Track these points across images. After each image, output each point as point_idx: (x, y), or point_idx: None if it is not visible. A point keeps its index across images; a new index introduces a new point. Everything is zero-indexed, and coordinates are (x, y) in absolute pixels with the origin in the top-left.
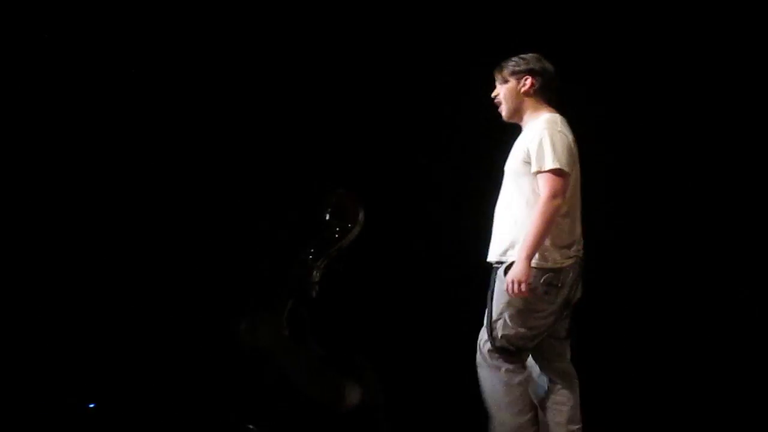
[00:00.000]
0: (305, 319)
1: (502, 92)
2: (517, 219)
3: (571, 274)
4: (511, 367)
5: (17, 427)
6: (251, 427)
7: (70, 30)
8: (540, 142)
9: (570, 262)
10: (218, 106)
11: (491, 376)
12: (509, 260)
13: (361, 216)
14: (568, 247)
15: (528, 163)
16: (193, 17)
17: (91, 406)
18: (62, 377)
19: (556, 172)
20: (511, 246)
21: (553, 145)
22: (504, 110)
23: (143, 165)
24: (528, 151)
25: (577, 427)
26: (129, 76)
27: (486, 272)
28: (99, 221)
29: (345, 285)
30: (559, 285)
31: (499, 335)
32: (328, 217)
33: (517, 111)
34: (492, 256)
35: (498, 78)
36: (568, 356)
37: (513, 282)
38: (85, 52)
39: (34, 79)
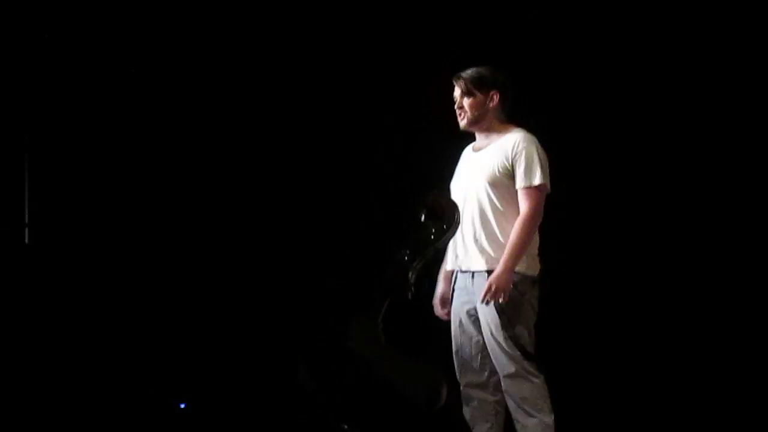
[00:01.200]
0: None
1: (466, 103)
2: (497, 229)
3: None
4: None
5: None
6: (345, 426)
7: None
8: (528, 158)
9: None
10: (311, 103)
11: (537, 385)
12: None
13: (457, 217)
14: (539, 255)
15: (508, 175)
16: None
17: (183, 405)
18: (155, 376)
19: (542, 188)
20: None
21: (540, 162)
22: (466, 120)
23: (231, 165)
24: (512, 164)
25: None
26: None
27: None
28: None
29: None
30: (539, 288)
31: (530, 346)
32: (423, 218)
33: (481, 122)
34: (478, 265)
35: (460, 87)
36: None
37: (496, 290)
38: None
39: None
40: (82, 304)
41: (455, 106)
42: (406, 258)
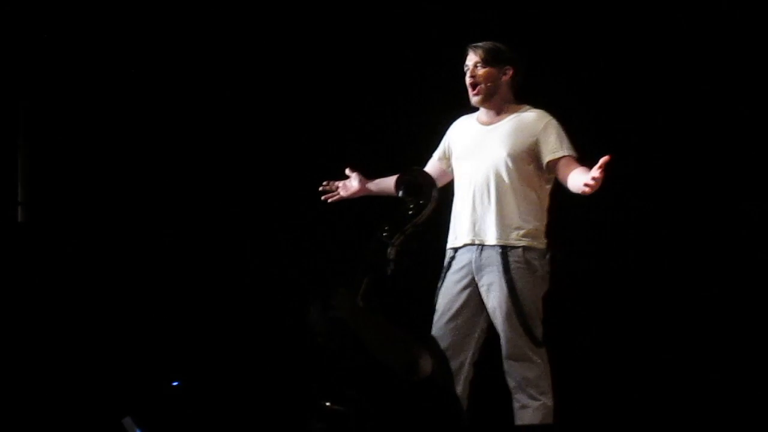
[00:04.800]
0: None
1: (481, 72)
2: (514, 204)
3: None
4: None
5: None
6: (328, 404)
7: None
8: (558, 130)
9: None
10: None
11: (541, 368)
12: (525, 245)
13: (434, 193)
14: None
15: (531, 152)
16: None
17: (176, 384)
18: (148, 354)
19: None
20: (525, 231)
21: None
22: (481, 93)
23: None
24: (537, 139)
25: None
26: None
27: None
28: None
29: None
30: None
31: (540, 331)
32: (401, 195)
33: (493, 97)
34: (491, 238)
35: (477, 56)
36: None
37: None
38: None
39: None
40: (75, 283)
41: (468, 76)
42: (385, 235)
